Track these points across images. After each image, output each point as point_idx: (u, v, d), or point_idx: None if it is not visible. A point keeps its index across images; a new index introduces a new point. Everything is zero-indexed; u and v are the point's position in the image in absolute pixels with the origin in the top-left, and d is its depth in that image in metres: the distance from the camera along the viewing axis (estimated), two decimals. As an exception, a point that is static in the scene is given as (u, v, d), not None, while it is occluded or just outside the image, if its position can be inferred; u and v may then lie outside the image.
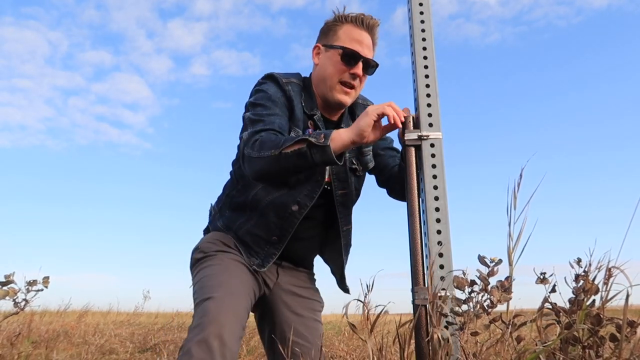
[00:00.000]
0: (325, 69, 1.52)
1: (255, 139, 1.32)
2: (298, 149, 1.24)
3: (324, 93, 1.53)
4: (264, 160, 1.28)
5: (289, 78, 1.54)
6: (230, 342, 1.18)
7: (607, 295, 0.97)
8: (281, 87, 1.50)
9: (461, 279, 0.94)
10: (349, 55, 1.48)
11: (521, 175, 0.96)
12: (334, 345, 3.23)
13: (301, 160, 1.25)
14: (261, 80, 1.53)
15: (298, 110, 1.50)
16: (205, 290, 1.31)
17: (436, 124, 1.23)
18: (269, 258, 1.51)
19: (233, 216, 1.56)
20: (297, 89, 1.53)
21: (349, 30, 1.51)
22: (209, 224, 1.66)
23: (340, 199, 1.57)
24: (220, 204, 1.65)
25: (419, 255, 1.15)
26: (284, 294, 1.58)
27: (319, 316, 1.63)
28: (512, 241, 0.93)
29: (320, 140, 1.23)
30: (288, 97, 1.49)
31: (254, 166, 1.31)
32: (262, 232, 1.51)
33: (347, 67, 1.48)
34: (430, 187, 1.18)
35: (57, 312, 5.55)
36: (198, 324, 1.20)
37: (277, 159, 1.26)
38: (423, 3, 1.35)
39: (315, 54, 1.58)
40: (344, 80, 1.50)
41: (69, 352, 3.21)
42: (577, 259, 1.03)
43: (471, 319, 0.91)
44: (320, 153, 1.23)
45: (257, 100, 1.46)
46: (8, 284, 1.61)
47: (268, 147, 1.28)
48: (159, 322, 5.61)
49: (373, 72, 1.56)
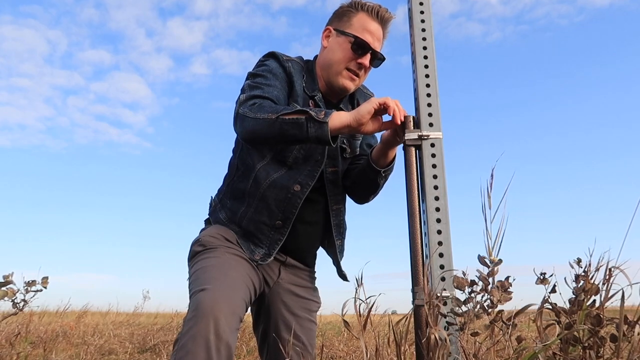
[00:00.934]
0: (334, 54, 1.53)
1: (255, 102, 1.34)
2: (296, 118, 1.25)
3: (329, 76, 1.55)
4: (259, 121, 1.29)
5: (290, 57, 1.56)
6: (226, 334, 1.16)
7: (607, 295, 0.97)
8: (281, 64, 1.52)
9: (461, 279, 0.94)
10: (360, 45, 1.49)
11: (492, 175, 1.00)
12: (334, 345, 3.23)
13: (296, 130, 1.26)
14: (263, 58, 1.56)
15: (298, 87, 1.52)
16: (200, 282, 1.29)
17: (436, 124, 1.23)
18: (275, 245, 1.49)
19: (234, 205, 1.55)
20: (297, 67, 1.56)
21: (363, 19, 1.51)
22: (210, 215, 1.64)
23: (330, 176, 1.56)
24: (221, 195, 1.63)
25: (419, 255, 1.15)
26: (284, 293, 1.57)
27: (315, 316, 1.63)
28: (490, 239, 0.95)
29: (320, 116, 1.24)
30: (288, 73, 1.52)
31: (246, 125, 1.32)
32: (264, 217, 1.49)
33: (356, 56, 1.50)
34: (431, 187, 1.18)
35: (56, 313, 5.54)
36: (192, 316, 1.17)
37: (272, 122, 1.27)
38: (423, 2, 1.35)
39: (325, 37, 1.59)
40: (351, 68, 1.52)
41: (68, 352, 3.20)
42: (577, 259, 1.03)
43: (471, 320, 0.91)
44: (316, 128, 1.24)
45: (257, 71, 1.49)
46: (7, 285, 1.61)
47: (266, 111, 1.30)
48: (159, 322, 5.61)
49: (379, 65, 1.58)
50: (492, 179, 1.00)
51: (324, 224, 1.62)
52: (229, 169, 1.67)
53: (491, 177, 1.00)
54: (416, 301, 1.09)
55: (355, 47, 1.49)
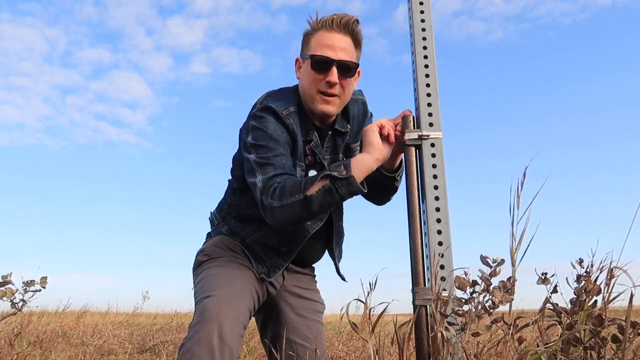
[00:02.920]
0: (304, 81, 1.46)
1: (274, 187, 1.28)
2: (322, 187, 1.22)
3: (308, 106, 1.47)
4: (289, 207, 1.24)
5: (288, 108, 1.44)
6: (230, 339, 1.18)
7: (609, 296, 0.96)
8: (282, 122, 1.41)
9: (463, 279, 0.94)
10: (319, 62, 1.40)
11: (524, 174, 0.95)
12: (334, 346, 3.22)
13: (328, 197, 1.22)
14: (258, 113, 1.42)
15: (300, 143, 1.46)
16: (205, 290, 1.31)
17: (436, 124, 1.23)
18: (276, 268, 1.50)
19: (239, 225, 1.55)
20: (297, 118, 1.46)
21: (320, 36, 1.42)
22: (212, 232, 1.64)
23: None
24: (223, 213, 1.62)
25: (420, 255, 1.14)
26: (289, 296, 1.58)
27: (321, 318, 1.64)
28: (515, 241, 0.92)
29: (342, 172, 1.21)
30: (291, 132, 1.43)
31: (278, 216, 1.28)
32: (272, 242, 1.50)
33: (320, 75, 1.40)
34: (431, 187, 1.17)
35: (56, 313, 5.53)
36: (197, 321, 1.19)
37: (302, 202, 1.23)
38: (423, 2, 1.34)
39: (297, 69, 1.53)
40: (321, 90, 1.42)
41: (67, 352, 3.19)
42: (579, 260, 1.02)
43: (473, 320, 0.91)
44: (345, 185, 1.22)
45: (258, 140, 1.38)
46: (5, 285, 1.60)
47: (289, 193, 1.25)
48: (158, 322, 5.60)
49: (353, 74, 1.45)
50: (524, 178, 0.94)
51: (326, 239, 1.63)
52: (230, 188, 1.64)
53: (523, 176, 0.95)
54: (416, 301, 1.09)
55: (316, 66, 1.40)
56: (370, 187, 1.58)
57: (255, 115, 1.43)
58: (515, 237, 0.93)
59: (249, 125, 1.43)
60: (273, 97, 1.47)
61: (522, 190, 0.95)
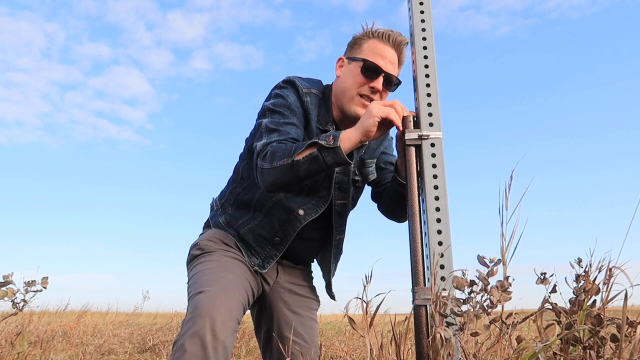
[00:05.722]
0: (346, 81, 1.51)
1: (267, 150, 1.33)
2: (310, 154, 1.25)
3: (343, 105, 1.52)
4: (277, 170, 1.28)
5: (310, 88, 1.52)
6: (223, 335, 1.18)
7: (607, 296, 0.97)
8: (300, 97, 1.49)
9: (461, 279, 0.94)
10: (370, 68, 1.46)
11: (511, 176, 0.98)
12: (334, 345, 3.22)
13: (314, 164, 1.25)
14: (282, 84, 1.52)
15: (314, 123, 1.50)
16: (198, 285, 1.31)
17: (436, 124, 1.23)
18: (270, 259, 1.51)
19: (236, 214, 1.56)
20: (315, 100, 1.52)
21: (373, 44, 1.49)
22: (210, 219, 1.66)
23: (338, 208, 1.58)
24: (223, 200, 1.64)
25: (420, 255, 1.15)
26: (283, 292, 1.58)
27: (315, 315, 1.65)
28: (504, 241, 0.94)
29: (330, 142, 1.24)
30: (305, 109, 1.49)
31: (267, 177, 1.31)
32: (265, 232, 1.51)
33: (367, 80, 1.47)
34: (431, 187, 1.17)
35: (56, 313, 5.54)
36: (190, 317, 1.20)
37: (290, 167, 1.26)
38: (423, 2, 1.35)
39: (339, 67, 1.58)
40: (363, 93, 1.48)
41: (67, 352, 3.20)
42: (577, 259, 1.03)
43: (471, 320, 0.91)
44: (331, 154, 1.24)
45: (275, 106, 1.45)
46: (6, 285, 1.60)
47: (279, 157, 1.28)
48: (158, 322, 5.60)
49: (394, 89, 1.53)
50: (511, 181, 0.98)
51: (322, 242, 1.64)
52: (234, 173, 1.67)
53: (510, 179, 0.98)
54: (416, 301, 1.09)
55: (367, 71, 1.46)
56: (389, 202, 1.59)
57: (279, 85, 1.52)
58: (505, 236, 0.95)
59: (272, 93, 1.52)
60: (299, 77, 1.55)
61: (510, 192, 0.97)
